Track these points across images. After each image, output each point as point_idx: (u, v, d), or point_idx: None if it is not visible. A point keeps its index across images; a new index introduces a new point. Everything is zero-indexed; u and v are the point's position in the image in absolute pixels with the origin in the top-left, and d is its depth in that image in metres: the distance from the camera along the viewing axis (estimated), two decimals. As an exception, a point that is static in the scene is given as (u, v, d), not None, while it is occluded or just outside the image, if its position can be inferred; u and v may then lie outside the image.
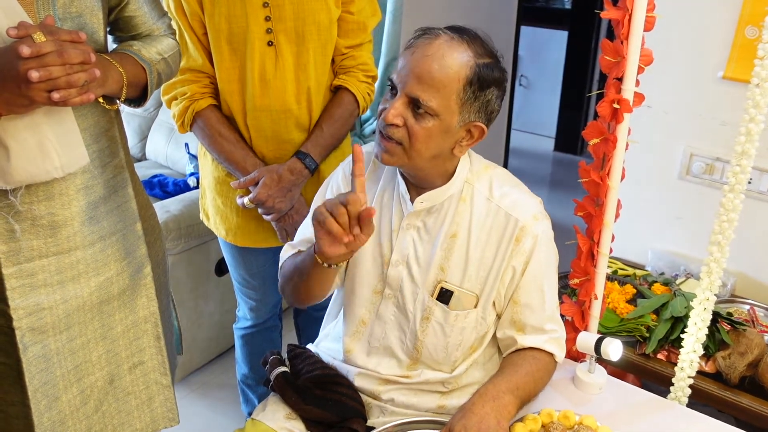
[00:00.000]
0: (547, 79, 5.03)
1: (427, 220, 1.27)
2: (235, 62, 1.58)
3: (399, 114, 1.14)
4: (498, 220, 1.24)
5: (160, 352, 1.34)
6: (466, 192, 1.26)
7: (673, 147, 1.98)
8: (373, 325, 1.34)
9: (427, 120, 1.14)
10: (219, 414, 2.34)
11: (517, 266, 1.24)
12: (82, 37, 0.99)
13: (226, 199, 1.72)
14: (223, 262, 2.43)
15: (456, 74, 1.12)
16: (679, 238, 2.04)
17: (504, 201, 1.25)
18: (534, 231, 1.23)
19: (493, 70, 1.16)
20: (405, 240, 1.28)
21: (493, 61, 1.16)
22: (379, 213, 1.31)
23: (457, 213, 1.25)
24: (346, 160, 1.39)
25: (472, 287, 1.26)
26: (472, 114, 1.16)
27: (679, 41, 1.88)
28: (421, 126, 1.14)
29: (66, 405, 1.20)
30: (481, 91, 1.15)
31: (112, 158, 1.22)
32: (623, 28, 1.27)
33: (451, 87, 1.12)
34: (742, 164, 1.32)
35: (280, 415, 1.33)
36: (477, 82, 1.14)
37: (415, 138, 1.15)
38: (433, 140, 1.16)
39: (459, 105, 1.14)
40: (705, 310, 1.42)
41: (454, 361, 1.31)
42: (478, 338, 1.31)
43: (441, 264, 1.26)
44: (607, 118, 1.33)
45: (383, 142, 1.18)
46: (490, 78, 1.15)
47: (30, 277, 1.13)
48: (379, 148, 1.19)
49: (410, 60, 1.14)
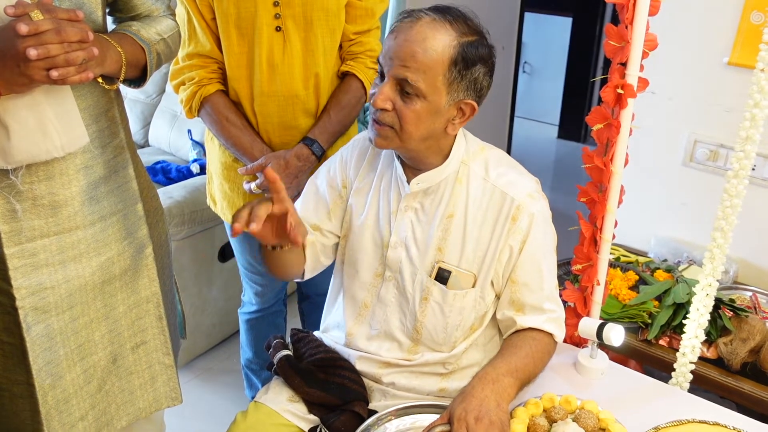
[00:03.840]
0: (550, 65, 5.00)
1: (424, 202, 1.28)
2: (243, 47, 1.58)
3: (387, 98, 1.16)
4: (494, 199, 1.24)
5: (162, 332, 1.35)
6: (462, 173, 1.26)
7: (677, 133, 1.97)
8: (374, 308, 1.35)
9: (415, 102, 1.15)
10: (223, 398, 2.35)
11: (514, 245, 1.24)
12: (79, 15, 0.98)
13: (233, 185, 1.73)
14: (227, 248, 2.44)
15: (440, 55, 1.12)
16: (682, 224, 2.04)
17: (500, 180, 1.25)
18: (530, 209, 1.23)
19: (479, 47, 1.16)
20: (403, 222, 1.29)
21: (478, 39, 1.16)
22: (378, 197, 1.32)
23: (453, 193, 1.26)
24: (346, 145, 1.40)
25: (469, 267, 1.26)
26: (461, 92, 1.17)
27: (684, 26, 1.87)
28: (410, 108, 1.15)
29: (70, 384, 1.21)
30: (466, 69, 1.15)
31: (112, 138, 1.23)
32: (628, 12, 1.26)
33: (436, 68, 1.13)
34: (746, 150, 1.31)
35: (283, 397, 1.34)
36: (462, 62, 1.14)
37: (405, 120, 1.16)
38: (423, 121, 1.17)
39: (446, 85, 1.15)
40: (707, 295, 1.42)
41: (453, 341, 1.31)
42: (478, 318, 1.31)
43: (438, 244, 1.26)
44: (611, 104, 1.33)
45: (375, 127, 1.19)
46: (476, 56, 1.15)
47: (32, 256, 1.13)
48: (372, 133, 1.21)
49: (393, 44, 1.15)
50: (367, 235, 1.33)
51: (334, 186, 1.37)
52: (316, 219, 1.36)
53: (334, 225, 1.37)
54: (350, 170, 1.37)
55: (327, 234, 1.37)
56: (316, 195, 1.38)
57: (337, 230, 1.38)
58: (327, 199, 1.37)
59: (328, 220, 1.37)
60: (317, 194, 1.38)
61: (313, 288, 1.99)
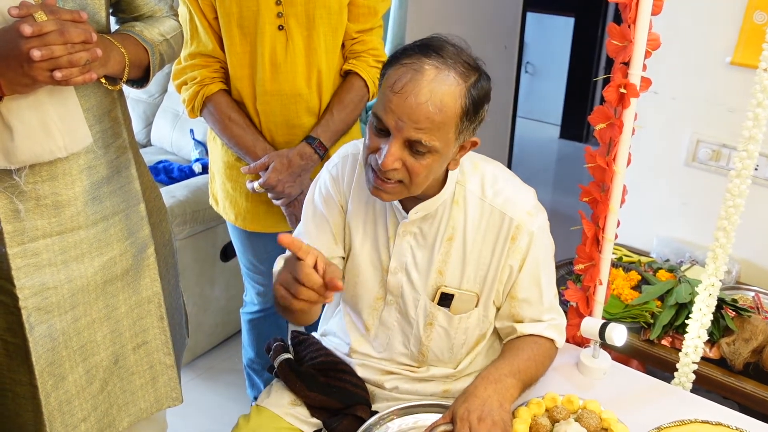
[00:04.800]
0: (552, 66, 4.99)
1: (422, 226, 1.25)
2: (245, 47, 1.58)
3: (397, 158, 1.10)
4: (492, 220, 1.22)
5: (163, 332, 1.35)
6: (459, 194, 1.24)
7: (679, 133, 1.97)
8: (377, 331, 1.34)
9: (426, 157, 1.10)
10: (225, 398, 2.36)
11: (514, 264, 1.23)
12: (83, 16, 0.99)
13: (235, 184, 1.73)
14: (229, 248, 2.44)
15: (453, 111, 1.08)
16: (685, 224, 2.04)
17: (497, 200, 1.22)
18: (529, 228, 1.22)
19: (482, 84, 1.11)
20: (402, 247, 1.26)
21: (478, 75, 1.11)
22: (373, 221, 1.28)
23: (451, 216, 1.24)
24: (330, 160, 1.34)
25: (471, 287, 1.26)
26: (469, 134, 1.14)
27: (686, 26, 1.86)
28: (421, 163, 1.11)
29: (72, 385, 1.21)
30: (476, 114, 1.12)
31: (115, 139, 1.23)
32: (631, 11, 1.26)
33: (450, 124, 1.08)
34: (749, 149, 1.31)
35: (285, 401, 1.33)
36: (472, 108, 1.10)
37: (416, 174, 1.12)
38: (432, 172, 1.14)
39: (456, 134, 1.11)
40: (710, 295, 1.42)
41: (459, 358, 1.32)
42: (482, 334, 1.32)
43: (439, 268, 1.25)
44: (613, 103, 1.33)
45: (381, 184, 1.13)
46: (482, 95, 1.11)
47: (34, 256, 1.13)
48: (375, 188, 1.15)
49: (403, 105, 1.06)
50: (365, 259, 1.29)
51: (332, 203, 1.31)
52: (325, 250, 1.29)
53: (339, 248, 1.32)
54: (344, 186, 1.30)
55: (339, 261, 1.32)
56: (314, 219, 1.32)
57: (342, 252, 1.33)
58: (328, 219, 1.31)
59: (334, 244, 1.31)
60: (316, 217, 1.32)
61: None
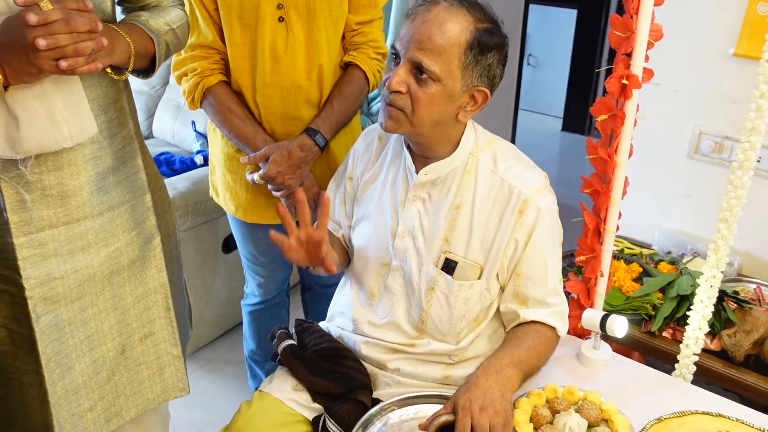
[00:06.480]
0: (555, 58, 4.98)
1: (432, 192, 1.29)
2: (245, 38, 1.58)
3: (402, 81, 1.17)
4: (502, 192, 1.25)
5: (170, 323, 1.35)
6: (471, 164, 1.27)
7: (682, 125, 1.97)
8: (381, 298, 1.36)
9: (429, 85, 1.16)
10: (226, 389, 2.37)
11: (520, 238, 1.24)
12: (88, 5, 0.98)
13: (235, 175, 1.73)
14: (231, 239, 2.44)
15: (456, 38, 1.14)
16: (687, 217, 2.04)
17: (509, 173, 1.26)
18: (537, 203, 1.24)
19: (494, 34, 1.18)
20: (411, 212, 1.30)
21: (493, 26, 1.18)
22: (387, 187, 1.34)
23: (461, 185, 1.27)
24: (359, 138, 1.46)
25: (475, 258, 1.27)
26: (475, 78, 1.18)
27: (689, 17, 1.86)
28: (424, 91, 1.16)
29: (79, 374, 1.22)
30: (482, 55, 1.17)
31: (121, 129, 1.23)
32: (633, 2, 1.26)
33: (452, 51, 1.14)
34: (752, 141, 1.31)
35: (287, 386, 1.35)
36: (477, 46, 1.16)
37: (418, 103, 1.17)
38: (435, 105, 1.18)
39: (461, 69, 1.16)
40: (711, 287, 1.43)
41: (458, 332, 1.32)
42: (483, 310, 1.32)
43: (445, 235, 1.27)
44: (615, 94, 1.33)
45: (387, 110, 1.21)
46: (491, 42, 1.17)
47: (41, 246, 1.13)
48: (383, 116, 1.22)
49: (411, 27, 1.17)
50: (375, 224, 1.35)
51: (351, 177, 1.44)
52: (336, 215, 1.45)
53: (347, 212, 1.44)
54: (359, 161, 1.40)
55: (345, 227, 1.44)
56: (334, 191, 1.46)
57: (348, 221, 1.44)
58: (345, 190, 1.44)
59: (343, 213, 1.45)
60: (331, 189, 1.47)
61: (316, 279, 1.99)
